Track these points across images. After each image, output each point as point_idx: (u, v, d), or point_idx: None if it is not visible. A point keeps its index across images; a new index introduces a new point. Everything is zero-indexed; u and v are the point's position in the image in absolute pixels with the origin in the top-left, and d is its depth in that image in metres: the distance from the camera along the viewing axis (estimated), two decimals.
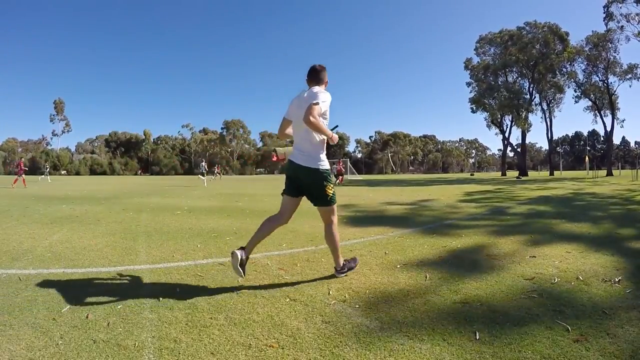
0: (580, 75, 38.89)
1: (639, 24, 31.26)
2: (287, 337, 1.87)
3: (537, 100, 41.29)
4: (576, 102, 40.37)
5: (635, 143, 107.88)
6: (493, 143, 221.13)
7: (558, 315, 2.07)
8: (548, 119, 41.70)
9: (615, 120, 36.96)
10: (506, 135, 44.73)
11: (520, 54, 39.05)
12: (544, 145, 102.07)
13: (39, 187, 17.39)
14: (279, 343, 1.81)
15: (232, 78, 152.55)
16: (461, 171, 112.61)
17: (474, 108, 42.28)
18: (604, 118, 38.40)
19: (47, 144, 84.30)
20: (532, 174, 50.35)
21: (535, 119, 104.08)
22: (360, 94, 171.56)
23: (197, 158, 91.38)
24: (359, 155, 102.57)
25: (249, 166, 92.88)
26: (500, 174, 51.71)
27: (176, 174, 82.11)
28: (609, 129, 37.60)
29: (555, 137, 53.18)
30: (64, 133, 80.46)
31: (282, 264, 3.29)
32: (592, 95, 38.77)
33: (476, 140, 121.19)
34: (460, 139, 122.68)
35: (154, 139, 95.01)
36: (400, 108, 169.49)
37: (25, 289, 2.59)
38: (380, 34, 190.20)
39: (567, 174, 47.92)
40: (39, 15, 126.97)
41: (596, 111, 39.26)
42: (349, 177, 33.63)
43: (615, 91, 36.83)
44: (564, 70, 39.18)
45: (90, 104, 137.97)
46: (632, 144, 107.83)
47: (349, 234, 4.74)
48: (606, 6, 32.51)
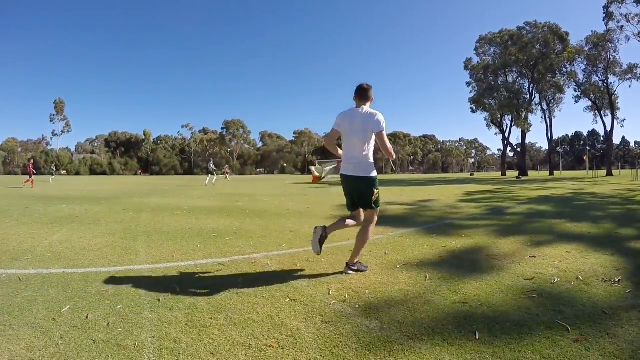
0: (580, 75, 38.90)
1: (639, 24, 31.29)
2: (287, 337, 1.87)
3: (537, 100, 41.32)
4: (576, 102, 40.37)
5: (635, 143, 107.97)
6: (493, 143, 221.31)
7: (558, 315, 2.07)
8: (548, 119, 41.71)
9: (615, 120, 36.96)
10: (506, 135, 44.76)
11: (520, 54, 39.05)
12: (544, 145, 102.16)
13: (40, 188, 17.40)
14: (279, 343, 1.81)
15: (232, 78, 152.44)
16: (461, 171, 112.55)
17: (474, 108, 42.27)
18: (604, 118, 38.43)
19: (47, 144, 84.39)
20: (532, 173, 50.34)
21: (535, 119, 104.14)
22: None
23: (197, 158, 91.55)
24: None
25: (249, 166, 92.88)
26: (500, 174, 51.68)
27: (176, 174, 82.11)
28: (608, 129, 37.59)
29: (555, 137, 53.23)
30: (64, 133, 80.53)
31: (282, 264, 3.29)
32: (592, 95, 38.74)
33: (476, 140, 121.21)
34: (460, 139, 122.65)
35: (154, 139, 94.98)
36: (400, 108, 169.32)
37: (25, 289, 2.59)
38: (380, 33, 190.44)
39: (567, 174, 47.92)
40: (38, 15, 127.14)
41: (596, 111, 39.23)
42: None
43: (615, 91, 36.84)
44: (564, 70, 39.16)
45: (90, 104, 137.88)
46: (632, 144, 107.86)
47: (349, 234, 4.73)
48: (606, 6, 32.51)
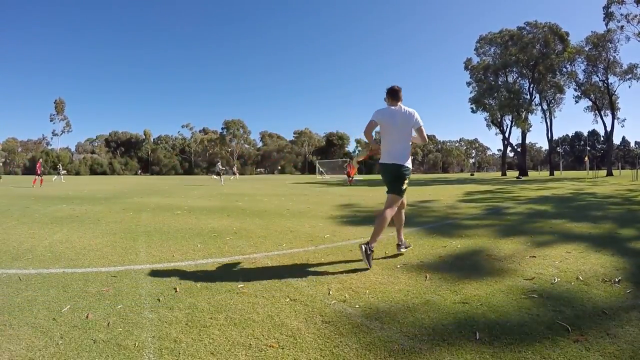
0: (581, 75, 38.91)
1: (639, 24, 31.27)
2: (287, 337, 1.87)
3: (537, 100, 41.33)
4: (576, 102, 40.40)
5: (635, 143, 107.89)
6: (493, 143, 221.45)
7: (558, 315, 2.07)
8: (548, 119, 41.71)
9: (615, 120, 36.97)
10: (506, 135, 44.76)
11: (521, 54, 39.04)
12: (544, 145, 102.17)
13: (42, 187, 17.40)
14: (279, 343, 1.81)
15: (232, 77, 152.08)
16: (461, 171, 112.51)
17: (474, 108, 42.26)
18: (604, 118, 38.44)
19: (47, 143, 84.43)
20: (532, 174, 50.36)
21: (535, 119, 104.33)
22: (360, 94, 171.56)
23: (197, 158, 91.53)
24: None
25: (249, 166, 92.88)
26: (500, 174, 51.70)
27: (176, 174, 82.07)
28: (609, 129, 37.59)
29: (555, 137, 53.26)
30: (64, 133, 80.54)
31: (282, 264, 3.29)
32: (592, 95, 38.75)
33: (476, 140, 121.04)
34: (461, 139, 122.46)
35: (154, 139, 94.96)
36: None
37: (25, 289, 2.59)
38: (380, 32, 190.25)
39: (567, 174, 47.93)
40: (38, 15, 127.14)
41: (596, 111, 39.24)
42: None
43: (615, 91, 36.85)
44: (564, 70, 39.17)
45: (90, 104, 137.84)
46: (632, 144, 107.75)
47: (349, 234, 4.74)
48: (606, 7, 32.50)
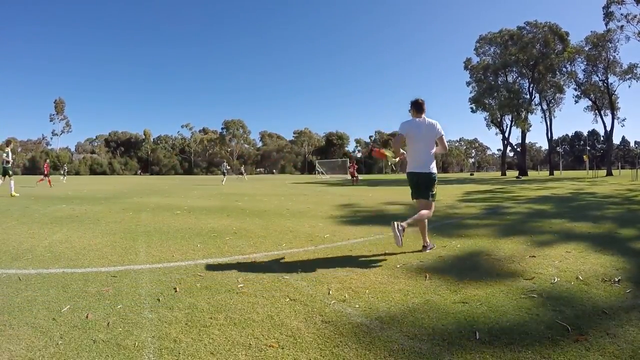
0: (580, 75, 38.94)
1: (638, 23, 31.27)
2: (287, 337, 1.87)
3: (537, 100, 41.36)
4: (576, 102, 40.41)
5: (635, 143, 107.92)
6: (493, 143, 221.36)
7: (558, 315, 2.07)
8: (548, 119, 41.74)
9: (615, 120, 37.00)
10: (506, 135, 44.77)
11: (520, 54, 39.05)
12: (544, 145, 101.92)
13: (44, 187, 17.38)
14: (279, 343, 1.81)
15: (232, 77, 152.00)
16: (461, 171, 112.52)
17: (474, 108, 42.29)
18: (603, 118, 38.44)
19: (47, 143, 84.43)
20: (532, 173, 50.33)
21: (535, 118, 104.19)
22: (360, 93, 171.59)
23: (197, 158, 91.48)
24: (359, 155, 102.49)
25: (248, 166, 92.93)
26: (500, 173, 51.68)
27: (176, 173, 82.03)
28: (608, 128, 37.63)
29: (555, 137, 53.26)
30: (63, 133, 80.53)
31: (282, 263, 3.29)
32: (592, 95, 38.76)
33: (476, 140, 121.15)
34: (460, 139, 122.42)
35: (154, 139, 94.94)
36: (399, 107, 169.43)
37: (25, 289, 2.59)
38: (380, 32, 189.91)
39: (567, 173, 47.94)
40: (38, 14, 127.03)
41: (596, 111, 39.25)
42: (347, 177, 33.66)
43: (615, 91, 36.87)
44: (564, 70, 39.19)
45: (90, 104, 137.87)
46: (632, 144, 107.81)
47: (349, 234, 4.74)
48: (606, 7, 32.50)
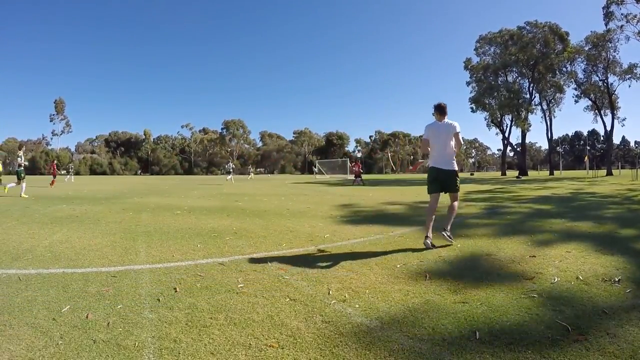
0: (580, 75, 38.92)
1: (638, 23, 31.24)
2: (287, 337, 1.87)
3: (537, 100, 41.35)
4: (576, 102, 40.42)
5: (635, 143, 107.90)
6: (493, 143, 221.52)
7: (558, 315, 2.07)
8: (548, 119, 41.73)
9: (615, 119, 36.98)
10: (506, 135, 44.78)
11: (520, 54, 39.03)
12: (544, 144, 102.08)
13: (42, 188, 17.39)
14: (279, 343, 1.81)
15: (232, 77, 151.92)
16: (461, 171, 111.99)
17: (474, 108, 42.28)
18: (603, 117, 38.43)
19: (47, 143, 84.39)
20: (532, 173, 50.36)
21: (535, 118, 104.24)
22: (360, 93, 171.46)
23: (197, 158, 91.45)
24: (359, 154, 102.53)
25: (248, 166, 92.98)
26: (500, 173, 51.71)
27: (176, 173, 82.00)
28: (608, 128, 37.61)
29: (555, 137, 53.30)
30: (64, 133, 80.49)
31: (282, 263, 3.29)
32: (592, 95, 38.75)
33: (476, 140, 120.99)
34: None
35: (154, 139, 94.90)
36: (400, 107, 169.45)
37: (25, 289, 2.59)
38: (380, 31, 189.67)
39: (567, 173, 47.93)
40: (38, 14, 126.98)
41: (596, 111, 39.24)
42: (347, 177, 33.65)
43: (615, 91, 36.85)
44: (564, 70, 39.18)
45: (90, 104, 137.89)
46: (632, 144, 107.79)
47: (349, 234, 4.74)
48: (606, 7, 32.48)
